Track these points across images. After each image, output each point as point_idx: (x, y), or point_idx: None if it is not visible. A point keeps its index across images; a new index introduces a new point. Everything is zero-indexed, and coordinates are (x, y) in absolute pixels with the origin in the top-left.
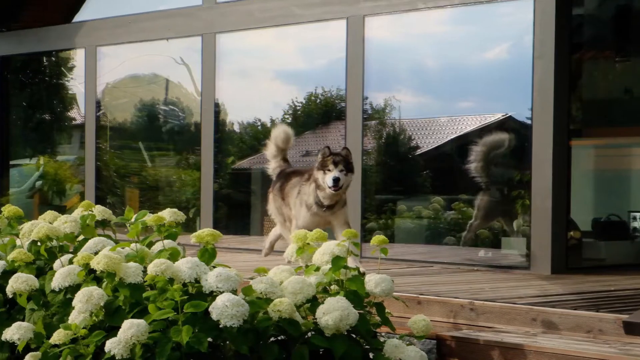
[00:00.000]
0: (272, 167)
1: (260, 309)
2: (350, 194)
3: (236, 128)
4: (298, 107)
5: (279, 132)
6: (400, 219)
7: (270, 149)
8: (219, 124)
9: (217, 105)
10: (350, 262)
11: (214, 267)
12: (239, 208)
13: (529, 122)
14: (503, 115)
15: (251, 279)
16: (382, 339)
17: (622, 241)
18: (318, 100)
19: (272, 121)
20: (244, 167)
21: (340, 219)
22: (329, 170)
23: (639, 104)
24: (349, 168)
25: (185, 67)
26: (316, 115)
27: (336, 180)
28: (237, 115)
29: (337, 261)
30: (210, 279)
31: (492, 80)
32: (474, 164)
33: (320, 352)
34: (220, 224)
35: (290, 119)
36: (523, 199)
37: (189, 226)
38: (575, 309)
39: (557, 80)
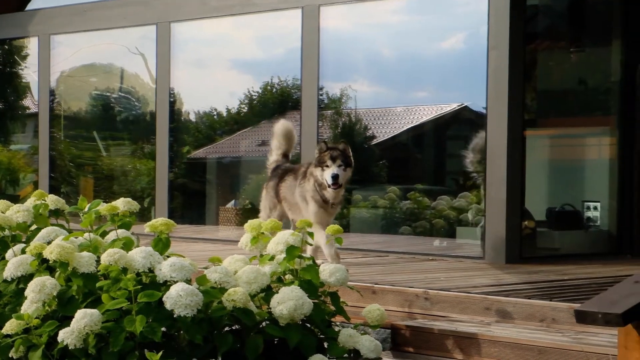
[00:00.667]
0: (270, 160)
1: (215, 299)
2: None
3: (192, 117)
4: (254, 97)
5: (279, 126)
6: (355, 208)
7: (274, 142)
8: (175, 114)
9: (172, 94)
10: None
11: (168, 256)
12: (195, 197)
13: (484, 112)
14: (459, 105)
15: (205, 268)
16: (336, 329)
17: (576, 231)
18: (274, 90)
19: (228, 110)
20: (199, 156)
21: (334, 215)
22: (327, 166)
23: (593, 95)
24: (347, 162)
25: (140, 56)
26: (272, 104)
27: (335, 177)
28: (193, 105)
29: (292, 251)
30: (164, 268)
31: (448, 70)
32: (470, 156)
33: (275, 342)
34: (175, 214)
35: (246, 108)
36: (478, 189)
37: (144, 216)
38: (529, 298)
39: (511, 70)
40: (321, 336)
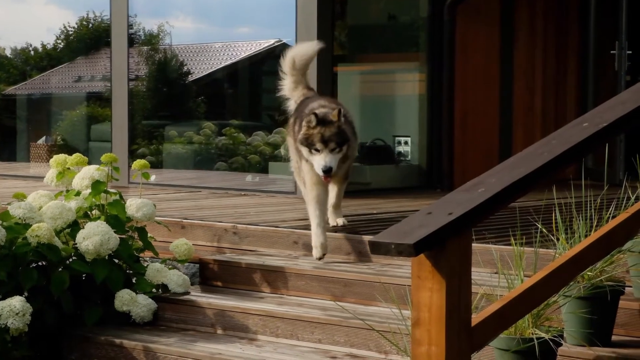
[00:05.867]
0: (294, 98)
1: (19, 235)
2: (117, 119)
3: (8, 53)
4: (71, 32)
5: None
6: (171, 144)
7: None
8: None
9: None
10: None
11: None
12: (8, 135)
13: None
14: (276, 41)
15: (9, 204)
16: (145, 264)
17: (387, 165)
18: (90, 25)
19: (44, 46)
20: (13, 92)
21: (341, 173)
22: (317, 150)
23: (404, 30)
24: (343, 140)
25: None
26: (88, 40)
27: (328, 170)
28: (9, 41)
29: (97, 186)
30: None
31: (267, 6)
32: None
33: (83, 278)
34: None
35: (62, 44)
36: None
37: None
38: (336, 232)
39: (320, 6)
40: (129, 271)
